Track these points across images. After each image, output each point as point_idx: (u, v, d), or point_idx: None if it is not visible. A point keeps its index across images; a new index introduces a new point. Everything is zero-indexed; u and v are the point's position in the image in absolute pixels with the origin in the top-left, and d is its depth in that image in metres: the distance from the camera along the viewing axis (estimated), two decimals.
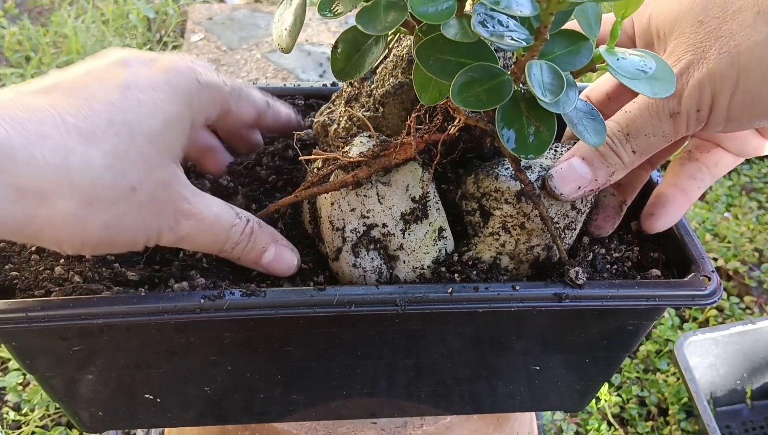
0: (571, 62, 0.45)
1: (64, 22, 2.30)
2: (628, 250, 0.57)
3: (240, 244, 0.50)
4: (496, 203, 0.52)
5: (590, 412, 1.32)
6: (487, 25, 0.41)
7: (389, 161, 0.51)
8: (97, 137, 0.42)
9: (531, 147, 0.44)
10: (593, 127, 0.46)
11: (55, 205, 0.40)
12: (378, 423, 0.67)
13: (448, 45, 0.43)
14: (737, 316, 1.51)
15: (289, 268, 0.53)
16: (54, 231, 0.41)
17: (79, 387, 0.57)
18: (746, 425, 1.32)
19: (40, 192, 0.39)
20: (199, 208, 0.48)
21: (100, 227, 0.43)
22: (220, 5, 2.60)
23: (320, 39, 2.40)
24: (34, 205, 0.39)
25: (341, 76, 0.48)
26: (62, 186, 0.40)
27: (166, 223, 0.46)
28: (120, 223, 0.44)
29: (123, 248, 0.47)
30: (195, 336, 0.52)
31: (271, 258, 0.51)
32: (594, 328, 0.55)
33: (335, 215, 0.52)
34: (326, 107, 0.60)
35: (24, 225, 0.40)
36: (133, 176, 0.43)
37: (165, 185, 0.46)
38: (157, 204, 0.45)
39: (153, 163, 0.45)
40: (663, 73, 0.44)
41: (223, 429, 0.71)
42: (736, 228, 1.70)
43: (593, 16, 0.46)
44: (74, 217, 0.41)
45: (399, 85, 0.53)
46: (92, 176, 0.41)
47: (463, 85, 0.43)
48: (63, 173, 0.40)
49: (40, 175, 0.39)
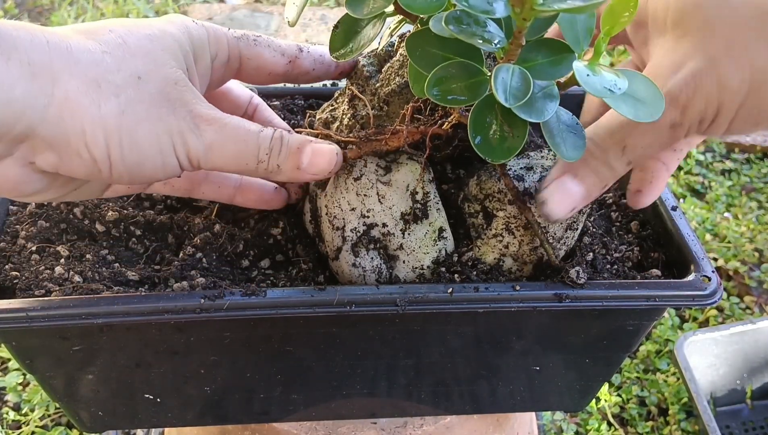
0: (551, 72, 0.44)
1: (64, 22, 2.30)
2: (628, 250, 0.57)
3: (274, 149, 0.47)
4: (500, 204, 0.52)
5: (590, 412, 1.32)
6: (462, 23, 0.41)
7: (380, 146, 0.51)
8: (92, 33, 0.43)
9: (497, 151, 0.44)
10: (572, 142, 0.46)
11: (66, 82, 0.40)
12: (378, 423, 0.67)
13: (437, 39, 0.44)
14: (737, 316, 1.51)
15: (331, 160, 0.48)
16: (72, 115, 0.40)
17: (79, 387, 0.57)
18: (746, 425, 1.32)
19: (49, 69, 0.40)
20: (219, 115, 0.46)
21: (114, 113, 0.41)
22: (220, 5, 2.60)
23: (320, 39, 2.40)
24: (48, 82, 0.40)
25: (337, 54, 0.51)
26: (67, 63, 0.40)
27: (185, 124, 0.44)
28: (135, 113, 0.42)
29: (153, 157, 0.44)
30: (195, 336, 0.52)
31: (310, 155, 0.48)
32: (594, 328, 0.55)
33: (335, 214, 0.52)
34: (329, 104, 0.60)
35: (45, 106, 0.40)
36: (136, 65, 0.43)
37: (174, 83, 0.44)
38: (169, 101, 0.44)
39: (156, 58, 0.44)
40: (650, 97, 0.43)
41: (223, 429, 0.71)
42: (736, 228, 1.70)
43: (583, 29, 0.45)
44: (86, 96, 0.41)
45: (405, 84, 0.53)
46: (92, 59, 0.41)
47: (440, 79, 0.43)
48: (65, 52, 0.41)
49: (44, 51, 0.40)
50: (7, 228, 0.56)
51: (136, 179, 0.44)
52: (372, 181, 0.51)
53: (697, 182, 1.89)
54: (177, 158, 0.44)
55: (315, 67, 0.55)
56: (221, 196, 0.57)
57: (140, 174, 0.44)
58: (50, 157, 0.42)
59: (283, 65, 0.54)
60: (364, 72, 0.57)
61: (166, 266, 0.54)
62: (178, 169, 0.45)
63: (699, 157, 1.97)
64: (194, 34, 0.48)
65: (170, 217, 0.59)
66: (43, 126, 0.40)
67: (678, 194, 1.83)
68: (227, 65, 0.51)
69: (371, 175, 0.51)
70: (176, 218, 0.58)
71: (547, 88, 0.45)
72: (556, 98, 0.44)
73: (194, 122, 0.44)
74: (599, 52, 0.45)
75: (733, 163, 1.99)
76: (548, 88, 0.45)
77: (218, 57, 0.50)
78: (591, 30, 0.45)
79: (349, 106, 0.57)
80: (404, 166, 0.52)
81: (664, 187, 0.55)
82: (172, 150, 0.44)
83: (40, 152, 0.42)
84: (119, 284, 0.51)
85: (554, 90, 0.45)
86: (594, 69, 0.43)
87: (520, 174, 0.51)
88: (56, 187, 0.45)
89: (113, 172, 0.43)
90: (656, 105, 0.43)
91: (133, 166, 0.43)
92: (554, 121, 0.46)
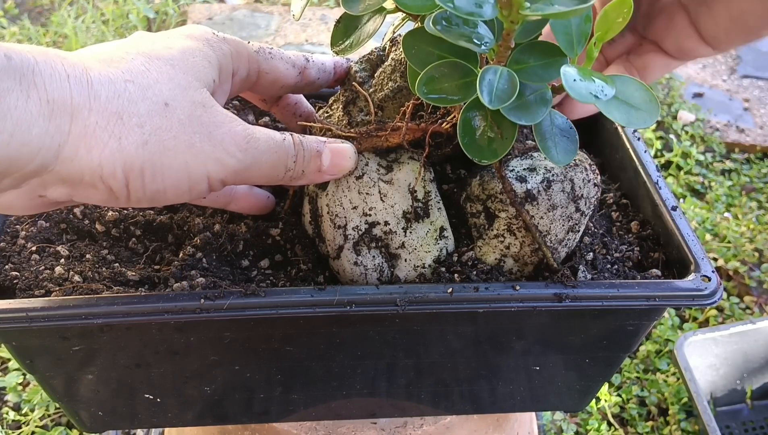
0: (543, 75, 0.44)
1: (64, 22, 2.30)
2: (628, 250, 0.57)
3: (299, 155, 0.47)
4: (502, 205, 0.52)
5: (590, 412, 1.32)
6: (452, 24, 0.41)
7: (380, 142, 0.51)
8: (114, 61, 0.41)
9: (485, 151, 0.44)
10: (564, 146, 0.46)
11: (85, 119, 0.39)
12: (378, 423, 0.67)
13: (433, 38, 0.44)
14: (737, 316, 1.51)
15: (351, 158, 0.50)
16: (89, 151, 0.39)
17: (79, 387, 0.57)
18: (746, 425, 1.32)
19: (68, 105, 0.38)
20: (251, 130, 0.45)
21: (136, 144, 0.40)
22: (220, 5, 2.60)
23: (320, 39, 2.40)
24: (66, 120, 0.38)
25: (337, 49, 0.52)
26: (87, 98, 0.39)
27: (223, 149, 0.43)
28: (161, 142, 0.40)
29: (179, 184, 0.42)
30: (195, 336, 0.52)
31: (329, 156, 0.49)
32: (594, 328, 0.55)
33: (337, 213, 0.52)
34: (324, 111, 0.60)
35: (60, 145, 0.38)
36: (162, 92, 0.41)
37: (202, 105, 0.43)
38: (202, 125, 0.42)
39: (181, 81, 0.43)
40: (644, 103, 0.43)
41: (223, 429, 0.71)
42: (736, 228, 1.71)
43: (577, 34, 0.45)
44: (105, 131, 0.39)
45: (398, 89, 0.53)
46: (114, 91, 0.40)
47: (431, 78, 0.43)
48: (85, 86, 0.39)
49: (64, 87, 0.38)
50: (7, 228, 0.56)
51: (157, 204, 0.43)
52: (374, 180, 0.51)
53: (697, 182, 1.89)
54: (208, 183, 0.43)
55: (319, 76, 0.56)
56: (216, 202, 0.58)
57: (163, 199, 0.43)
58: (62, 189, 0.41)
59: (295, 77, 0.54)
60: (357, 78, 0.57)
61: (166, 266, 0.54)
62: (205, 192, 0.44)
63: (699, 157, 1.97)
64: (217, 50, 0.47)
65: (170, 217, 0.59)
66: (57, 164, 0.39)
67: (678, 194, 1.83)
68: (246, 79, 0.51)
69: (373, 173, 0.51)
70: (176, 218, 0.58)
71: (539, 91, 0.45)
72: (548, 102, 0.44)
73: (234, 145, 0.43)
74: (591, 58, 0.45)
75: (733, 163, 1.99)
76: (541, 92, 0.45)
77: (239, 73, 0.50)
78: (586, 34, 0.45)
79: (344, 112, 0.57)
80: (406, 165, 0.52)
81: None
82: (205, 176, 0.43)
83: (51, 186, 0.40)
84: (119, 284, 0.51)
85: (547, 93, 0.45)
86: (584, 74, 0.43)
87: (522, 175, 0.51)
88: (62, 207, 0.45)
89: (131, 199, 0.42)
90: (650, 111, 0.43)
91: (155, 193, 0.42)
92: (547, 125, 0.46)
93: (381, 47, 0.57)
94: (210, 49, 0.46)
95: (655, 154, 1.97)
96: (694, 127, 2.07)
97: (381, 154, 0.53)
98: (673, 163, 1.93)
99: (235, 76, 0.50)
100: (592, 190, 0.53)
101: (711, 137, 2.04)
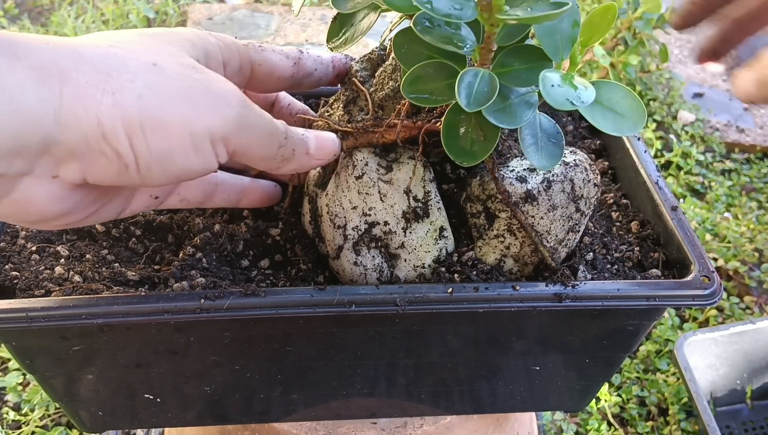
0: (527, 79, 0.44)
1: (64, 22, 2.30)
2: (628, 250, 0.57)
3: (288, 133, 0.46)
4: (502, 205, 0.52)
5: (590, 412, 1.32)
6: (434, 25, 0.41)
7: (376, 138, 0.51)
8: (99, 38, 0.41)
9: (466, 153, 0.44)
10: (549, 151, 0.45)
11: (75, 78, 0.38)
12: (378, 423, 0.67)
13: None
14: (737, 316, 1.51)
15: (334, 141, 0.50)
16: (86, 110, 0.38)
17: (79, 387, 0.57)
18: (746, 425, 1.32)
19: (56, 69, 0.38)
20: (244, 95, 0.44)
21: (132, 98, 0.39)
22: (220, 5, 2.60)
23: (320, 39, 2.40)
24: (56, 83, 0.37)
25: (332, 45, 0.53)
26: (74, 60, 0.38)
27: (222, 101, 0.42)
28: (156, 94, 0.39)
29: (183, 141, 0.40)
30: (195, 336, 0.52)
31: (315, 140, 0.49)
32: (594, 328, 0.55)
33: (337, 213, 0.52)
34: (324, 110, 0.60)
35: (56, 109, 0.37)
36: (150, 56, 0.41)
37: (194, 67, 0.42)
38: (196, 81, 0.41)
39: (168, 50, 0.42)
40: (630, 110, 0.43)
41: (223, 429, 0.71)
42: (736, 228, 1.70)
43: (565, 38, 0.45)
44: (97, 88, 0.38)
45: (398, 88, 0.53)
46: (100, 53, 0.39)
47: (417, 78, 0.43)
48: (70, 50, 0.39)
49: (47, 53, 0.38)
50: (7, 228, 0.56)
51: (169, 174, 0.41)
52: (373, 180, 0.51)
53: (697, 182, 1.89)
54: (211, 140, 0.41)
55: (316, 67, 0.55)
56: (230, 201, 0.57)
57: (172, 166, 0.41)
58: (74, 165, 0.39)
59: (290, 67, 0.54)
60: (357, 77, 0.57)
61: (166, 266, 0.54)
62: (213, 156, 0.42)
63: (699, 157, 1.97)
64: (203, 39, 0.47)
65: (170, 217, 0.59)
66: (59, 131, 0.38)
67: (678, 194, 1.83)
68: (240, 73, 0.51)
69: (373, 173, 0.51)
70: (176, 218, 0.58)
71: (526, 95, 0.45)
72: (533, 105, 0.44)
73: (233, 97, 0.42)
74: (575, 63, 0.45)
75: (733, 163, 1.99)
76: (527, 95, 0.45)
77: (231, 64, 0.49)
78: (573, 39, 0.45)
79: (344, 111, 0.57)
80: (405, 165, 0.52)
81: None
82: (207, 131, 0.41)
83: (63, 163, 0.39)
84: (119, 284, 0.51)
85: (533, 97, 0.44)
86: (566, 79, 0.43)
87: (523, 175, 0.51)
88: (81, 207, 0.43)
89: (141, 166, 0.40)
90: (637, 118, 0.43)
91: (162, 155, 0.40)
92: (533, 129, 0.45)
93: (382, 46, 0.57)
94: (195, 37, 0.46)
95: (655, 154, 1.97)
96: (694, 127, 2.07)
97: (381, 154, 0.53)
98: (673, 163, 1.93)
99: (227, 68, 0.49)
100: (592, 190, 0.53)
101: (711, 137, 2.04)
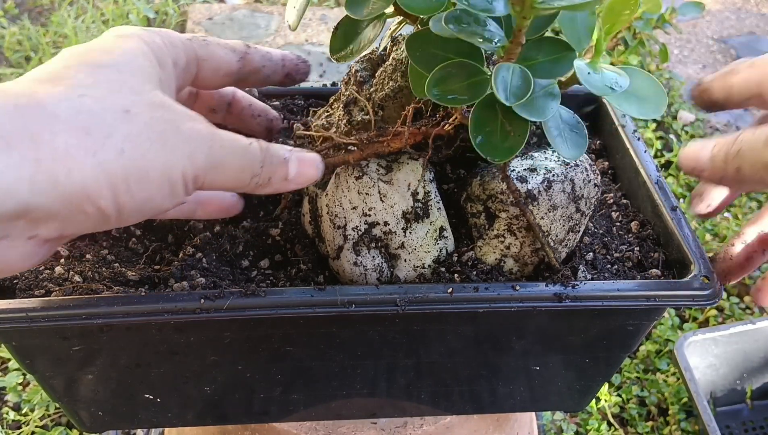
0: (552, 71, 0.44)
1: (64, 22, 2.30)
2: (628, 250, 0.57)
3: (265, 161, 0.46)
4: (502, 205, 0.52)
5: (590, 412, 1.32)
6: (462, 23, 0.41)
7: (382, 148, 0.51)
8: (58, 80, 0.40)
9: (499, 150, 0.44)
10: (573, 140, 0.46)
11: (50, 142, 0.37)
12: (378, 423, 0.67)
13: (438, 39, 0.44)
14: (737, 316, 1.51)
15: (317, 166, 0.49)
16: (69, 174, 0.37)
17: (79, 387, 0.57)
18: (746, 425, 1.32)
19: (26, 134, 0.36)
20: (215, 129, 0.43)
21: (115, 154, 0.38)
22: (220, 5, 2.60)
23: (320, 39, 2.40)
24: (28, 148, 0.36)
25: (337, 56, 0.52)
26: (46, 122, 0.37)
27: (193, 145, 0.42)
28: (137, 146, 0.39)
29: (162, 187, 0.41)
30: (195, 336, 0.52)
31: (297, 164, 0.48)
32: (594, 328, 0.55)
33: (337, 213, 0.52)
34: (324, 110, 0.60)
35: (32, 175, 0.36)
36: (118, 100, 0.40)
37: (162, 106, 0.42)
38: (167, 122, 0.41)
39: (134, 86, 0.41)
40: (652, 94, 0.44)
41: (223, 429, 0.71)
42: (736, 228, 1.70)
43: (583, 28, 0.45)
44: (78, 148, 0.37)
45: (398, 88, 0.53)
46: (70, 107, 0.38)
47: (440, 79, 0.43)
48: (38, 110, 0.37)
49: (15, 118, 0.36)
50: None
51: (145, 215, 0.42)
52: (373, 180, 0.51)
53: (697, 182, 1.89)
54: (183, 181, 0.42)
55: (264, 63, 0.54)
56: (182, 213, 0.56)
57: (150, 209, 0.41)
58: (52, 224, 0.39)
59: (236, 62, 0.52)
60: (357, 77, 0.57)
61: (166, 266, 0.54)
62: (183, 195, 0.43)
63: None
64: (152, 45, 0.45)
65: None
66: (36, 197, 0.36)
67: (678, 194, 1.83)
68: (186, 70, 0.49)
69: (372, 173, 0.51)
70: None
71: (548, 87, 0.45)
72: (557, 97, 0.44)
73: (200, 139, 0.42)
74: (600, 51, 0.45)
75: None
76: (549, 87, 0.45)
77: (178, 62, 0.48)
78: (592, 28, 0.45)
79: (344, 112, 0.57)
80: (405, 165, 0.52)
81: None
82: (181, 173, 0.41)
83: (40, 224, 0.38)
84: (119, 284, 0.51)
85: (555, 89, 0.45)
86: (595, 67, 0.43)
87: (523, 175, 0.51)
88: (50, 254, 0.43)
89: (122, 215, 0.40)
90: (659, 101, 0.44)
91: (144, 202, 0.40)
92: (555, 120, 0.46)
93: (382, 47, 0.57)
94: (146, 46, 0.45)
95: (655, 154, 1.97)
96: (694, 127, 2.07)
97: (380, 155, 0.53)
98: (673, 163, 1.93)
99: (176, 67, 0.48)
100: (593, 191, 0.53)
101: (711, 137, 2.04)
